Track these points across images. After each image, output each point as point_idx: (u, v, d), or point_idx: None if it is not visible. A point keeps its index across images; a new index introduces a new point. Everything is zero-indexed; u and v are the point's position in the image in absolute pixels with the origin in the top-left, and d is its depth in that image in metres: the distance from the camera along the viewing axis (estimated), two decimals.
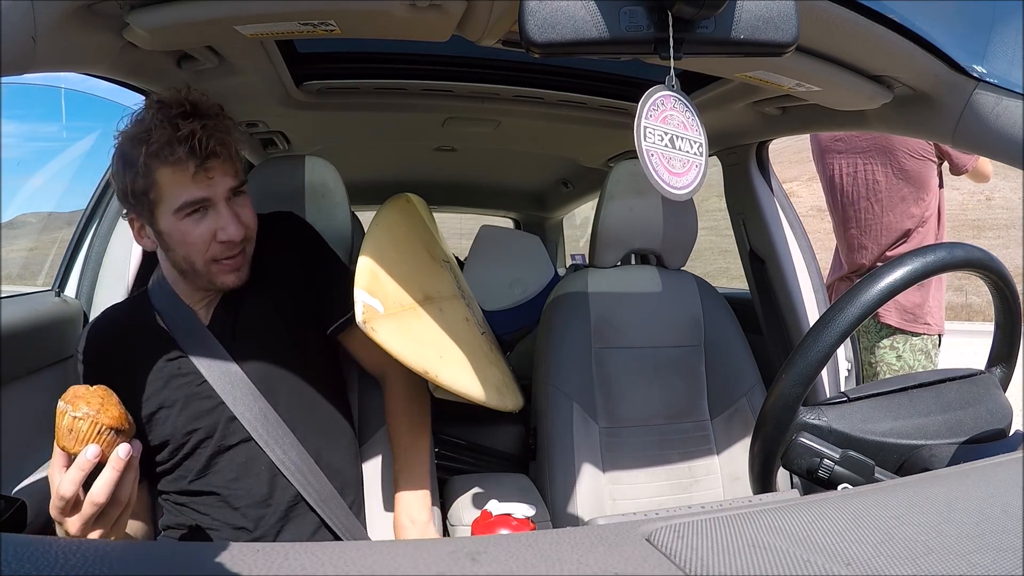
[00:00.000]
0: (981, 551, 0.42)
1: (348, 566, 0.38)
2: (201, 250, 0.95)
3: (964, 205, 14.43)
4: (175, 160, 0.89)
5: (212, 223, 0.94)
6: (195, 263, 0.96)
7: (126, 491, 0.72)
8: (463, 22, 0.83)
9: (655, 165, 0.70)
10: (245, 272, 1.00)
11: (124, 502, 0.72)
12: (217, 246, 0.95)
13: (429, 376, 0.95)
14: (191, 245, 0.94)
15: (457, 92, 1.56)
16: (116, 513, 0.72)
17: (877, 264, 2.07)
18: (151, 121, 0.90)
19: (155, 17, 0.79)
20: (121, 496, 0.71)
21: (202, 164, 0.90)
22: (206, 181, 0.91)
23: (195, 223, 0.93)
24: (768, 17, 0.69)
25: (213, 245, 0.94)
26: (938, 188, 2.05)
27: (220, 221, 0.94)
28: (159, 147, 0.89)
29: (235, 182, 0.95)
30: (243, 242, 0.97)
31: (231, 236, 0.94)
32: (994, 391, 0.87)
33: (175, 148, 0.88)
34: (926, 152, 1.98)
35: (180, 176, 0.90)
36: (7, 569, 0.33)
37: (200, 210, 0.93)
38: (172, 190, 0.91)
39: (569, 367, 1.40)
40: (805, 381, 0.75)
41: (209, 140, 0.90)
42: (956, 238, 1.53)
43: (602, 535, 0.44)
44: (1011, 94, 0.87)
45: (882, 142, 2.02)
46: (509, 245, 2.22)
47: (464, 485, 1.26)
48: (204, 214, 0.93)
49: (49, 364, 1.10)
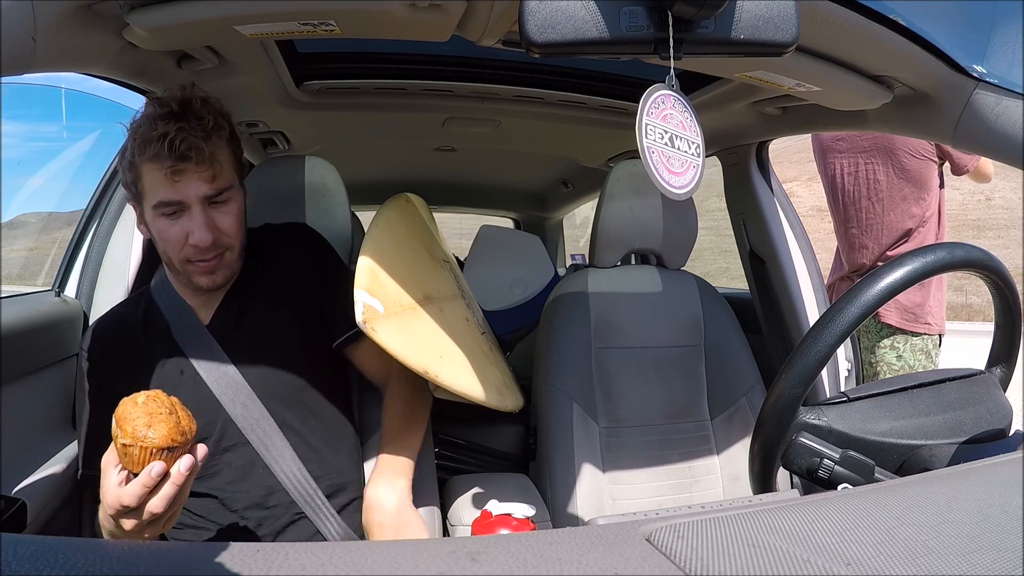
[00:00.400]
0: (981, 551, 0.42)
1: (348, 566, 0.38)
2: (176, 249, 0.95)
3: (964, 205, 14.43)
4: (150, 158, 0.90)
5: (185, 225, 0.93)
6: (172, 260, 0.97)
7: (182, 498, 0.73)
8: (463, 22, 0.83)
9: (655, 163, 0.70)
10: (221, 276, 0.99)
11: (179, 507, 0.73)
12: (189, 248, 0.95)
13: (429, 376, 0.95)
14: (167, 243, 0.95)
15: (457, 92, 1.56)
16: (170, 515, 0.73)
17: (878, 264, 2.07)
18: (142, 116, 0.92)
19: (155, 17, 0.79)
20: (177, 503, 0.72)
21: (173, 167, 0.90)
22: (175, 184, 0.91)
23: (170, 223, 0.94)
24: (768, 17, 0.69)
25: (186, 247, 0.95)
26: (939, 188, 2.05)
27: (191, 225, 0.93)
28: (140, 143, 0.90)
29: (209, 189, 0.93)
30: (215, 247, 0.96)
31: (197, 242, 0.93)
32: (994, 391, 0.87)
33: (148, 147, 0.89)
34: (927, 152, 1.98)
35: (155, 175, 0.91)
36: (7, 569, 0.33)
37: (176, 212, 0.93)
38: (150, 187, 0.92)
39: (569, 367, 1.40)
40: (805, 381, 0.75)
41: (181, 144, 0.89)
42: (956, 238, 1.53)
43: (602, 535, 0.44)
44: (1011, 94, 0.87)
45: (883, 142, 2.02)
46: (509, 245, 2.22)
47: (464, 485, 1.25)
48: (179, 216, 0.94)
49: (49, 364, 1.10)
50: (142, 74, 1.05)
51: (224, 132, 0.97)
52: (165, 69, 1.09)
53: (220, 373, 0.99)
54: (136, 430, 0.67)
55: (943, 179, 2.08)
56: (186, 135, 0.90)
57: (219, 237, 0.96)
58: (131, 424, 0.67)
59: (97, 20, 0.77)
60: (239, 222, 0.99)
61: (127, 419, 0.68)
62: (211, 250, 0.95)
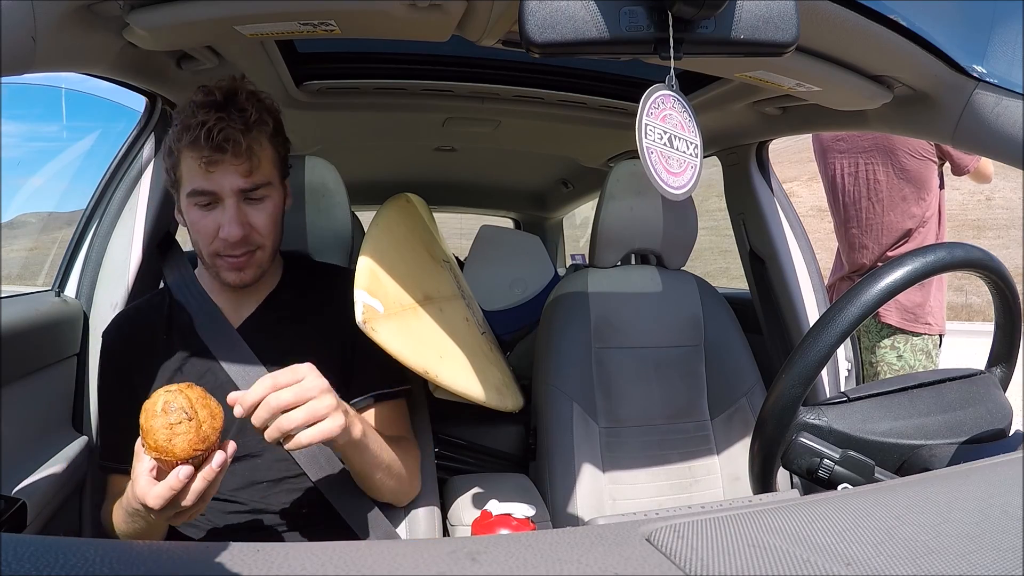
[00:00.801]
0: (981, 551, 0.42)
1: (348, 566, 0.38)
2: (206, 241, 0.94)
3: (964, 205, 14.44)
4: (187, 145, 0.90)
5: (217, 218, 0.93)
6: (202, 252, 0.96)
7: (212, 490, 0.74)
8: (463, 22, 0.83)
9: (655, 163, 0.70)
10: (250, 275, 0.97)
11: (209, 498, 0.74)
12: (219, 242, 0.94)
13: (429, 376, 0.95)
14: (198, 234, 0.95)
15: (457, 92, 1.56)
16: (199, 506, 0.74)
17: (878, 264, 2.07)
18: (188, 102, 0.93)
19: (155, 17, 0.79)
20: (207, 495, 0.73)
21: (209, 157, 0.89)
22: (209, 174, 0.90)
23: (202, 213, 0.93)
24: (768, 17, 0.69)
25: (216, 240, 0.94)
26: (938, 188, 2.05)
27: (222, 218, 0.92)
28: (180, 129, 0.91)
29: (244, 183, 0.92)
30: (245, 244, 0.94)
31: (227, 235, 0.92)
32: (994, 391, 0.87)
33: (186, 134, 0.90)
34: (927, 152, 1.98)
35: (192, 163, 0.91)
36: (7, 569, 0.33)
37: (210, 203, 0.93)
38: (187, 174, 0.92)
39: (569, 367, 1.40)
40: (805, 381, 0.75)
41: (219, 134, 0.88)
42: (956, 238, 1.53)
43: (602, 535, 0.44)
44: (1011, 94, 0.87)
45: (884, 142, 2.02)
46: (509, 245, 2.22)
47: (464, 485, 1.26)
48: (212, 207, 0.93)
49: (49, 364, 1.10)
50: (142, 74, 1.05)
51: (267, 128, 0.95)
52: (165, 69, 1.09)
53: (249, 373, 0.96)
54: (158, 443, 0.68)
55: (943, 179, 2.08)
56: (225, 126, 0.88)
57: (250, 234, 0.94)
58: (152, 438, 0.69)
59: (97, 20, 0.77)
60: (274, 222, 0.97)
61: (149, 432, 0.69)
62: (241, 246, 0.94)
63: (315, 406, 0.77)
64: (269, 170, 0.96)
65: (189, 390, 0.71)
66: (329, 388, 0.79)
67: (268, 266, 1.00)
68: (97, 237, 1.24)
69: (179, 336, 0.99)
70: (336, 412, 0.79)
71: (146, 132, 1.24)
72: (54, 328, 1.11)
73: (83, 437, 1.15)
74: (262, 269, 0.99)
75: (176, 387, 0.71)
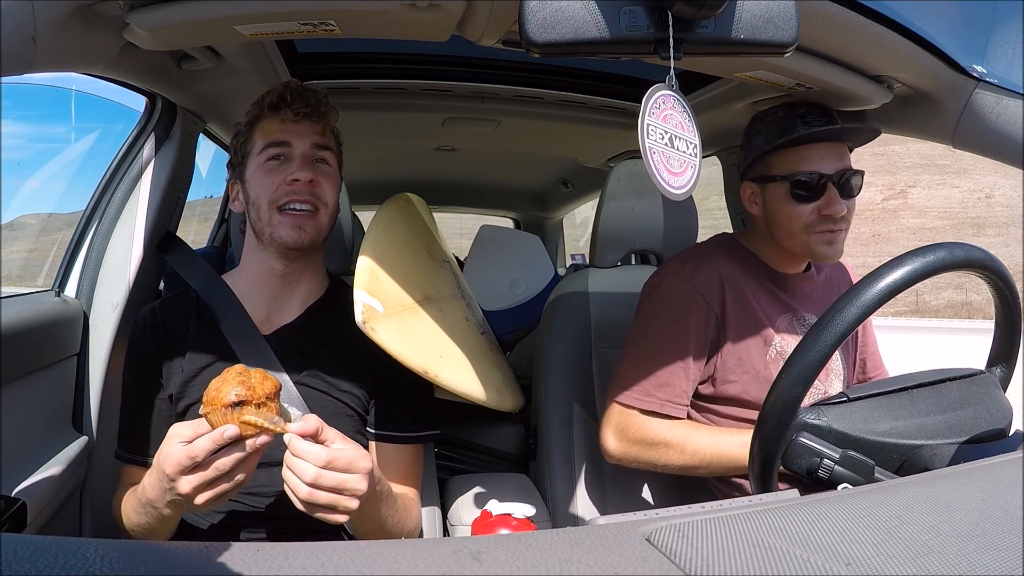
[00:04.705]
0: (981, 551, 0.42)
1: (348, 566, 0.38)
2: (270, 190, 0.97)
3: (964, 203, 14.45)
4: (269, 105, 1.00)
5: (287, 171, 0.98)
6: (262, 208, 0.98)
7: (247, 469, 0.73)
8: (463, 22, 0.83)
9: (657, 163, 0.70)
10: (308, 235, 0.98)
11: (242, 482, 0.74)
12: (286, 188, 0.97)
13: (429, 376, 0.95)
14: (263, 187, 0.98)
15: (457, 92, 1.56)
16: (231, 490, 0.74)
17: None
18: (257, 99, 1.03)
19: (155, 17, 0.79)
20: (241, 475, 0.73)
21: (291, 112, 0.99)
22: (290, 127, 0.99)
23: (272, 168, 0.98)
24: (768, 17, 0.69)
25: (282, 186, 0.97)
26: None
27: (293, 167, 0.98)
28: (258, 104, 1.02)
29: (318, 139, 1.01)
30: (312, 194, 0.98)
31: (298, 176, 0.96)
32: (994, 391, 0.87)
33: (266, 98, 1.01)
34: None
35: (271, 124, 1.00)
36: (7, 569, 0.33)
37: (281, 157, 0.99)
38: (262, 136, 1.00)
39: (569, 367, 1.40)
40: (805, 381, 0.75)
41: (301, 99, 1.00)
42: (957, 236, 1.53)
43: (602, 535, 0.44)
44: (1011, 94, 0.87)
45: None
46: (509, 245, 2.22)
47: (464, 485, 1.26)
48: (283, 163, 0.99)
49: (49, 364, 1.10)
50: (142, 74, 1.05)
51: (333, 118, 1.04)
52: (165, 69, 1.09)
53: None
54: (208, 392, 0.71)
55: None
56: (307, 95, 1.01)
57: (317, 187, 0.99)
58: (207, 394, 0.71)
59: (97, 20, 0.77)
60: (335, 191, 1.03)
61: (209, 403, 0.71)
62: (308, 192, 0.97)
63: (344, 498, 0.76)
64: (333, 143, 1.05)
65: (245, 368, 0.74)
66: (370, 470, 0.78)
67: (325, 234, 1.02)
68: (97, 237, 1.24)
69: (207, 335, 0.99)
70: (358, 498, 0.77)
71: (146, 132, 1.24)
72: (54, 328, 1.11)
73: (83, 437, 1.15)
74: (320, 235, 1.01)
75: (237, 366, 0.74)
